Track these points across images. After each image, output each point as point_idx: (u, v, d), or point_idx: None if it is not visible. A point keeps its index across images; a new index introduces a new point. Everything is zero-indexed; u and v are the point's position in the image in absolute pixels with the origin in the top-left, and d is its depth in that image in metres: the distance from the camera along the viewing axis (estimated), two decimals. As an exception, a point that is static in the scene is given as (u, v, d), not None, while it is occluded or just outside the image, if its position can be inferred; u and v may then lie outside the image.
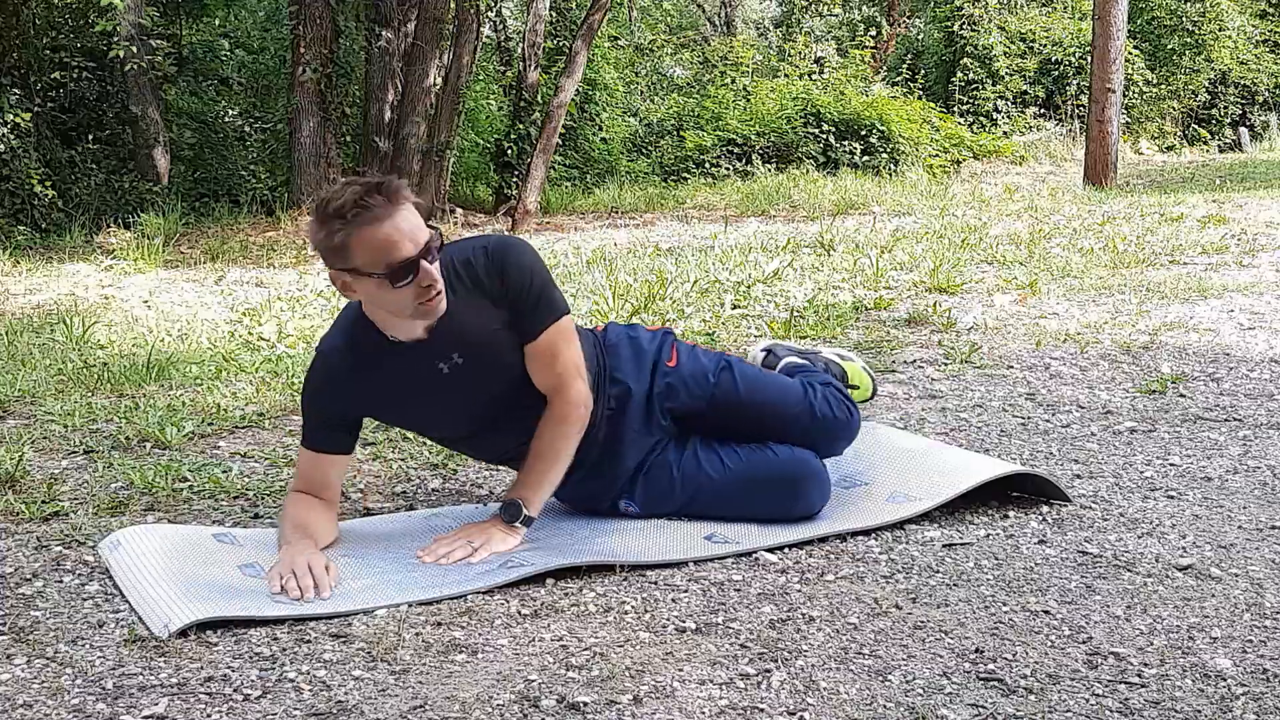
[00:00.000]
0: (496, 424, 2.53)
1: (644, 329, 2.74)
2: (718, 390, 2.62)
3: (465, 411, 2.51)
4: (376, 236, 2.24)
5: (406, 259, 2.26)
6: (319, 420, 2.48)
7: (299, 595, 2.17)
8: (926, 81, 18.98)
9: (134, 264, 8.12)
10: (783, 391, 2.67)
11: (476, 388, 2.46)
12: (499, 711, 1.76)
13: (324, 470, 2.49)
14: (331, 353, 2.45)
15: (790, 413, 2.64)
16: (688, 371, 2.64)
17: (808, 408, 2.63)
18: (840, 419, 2.66)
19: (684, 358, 2.67)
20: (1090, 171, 12.97)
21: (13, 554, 2.47)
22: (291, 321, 5.51)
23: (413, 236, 2.27)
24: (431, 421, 2.60)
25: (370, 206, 2.23)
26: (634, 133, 16.74)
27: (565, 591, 2.25)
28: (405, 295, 2.29)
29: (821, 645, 1.99)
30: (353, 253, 2.26)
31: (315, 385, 2.48)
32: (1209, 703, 1.79)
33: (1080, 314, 5.14)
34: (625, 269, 6.83)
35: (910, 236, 7.95)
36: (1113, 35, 12.53)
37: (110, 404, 3.82)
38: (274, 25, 13.99)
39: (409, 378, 2.43)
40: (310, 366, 2.50)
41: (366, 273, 2.27)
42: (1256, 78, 20.56)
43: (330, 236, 2.26)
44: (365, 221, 2.23)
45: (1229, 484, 2.88)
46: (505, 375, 2.47)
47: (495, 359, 2.45)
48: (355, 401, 2.48)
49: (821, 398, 2.66)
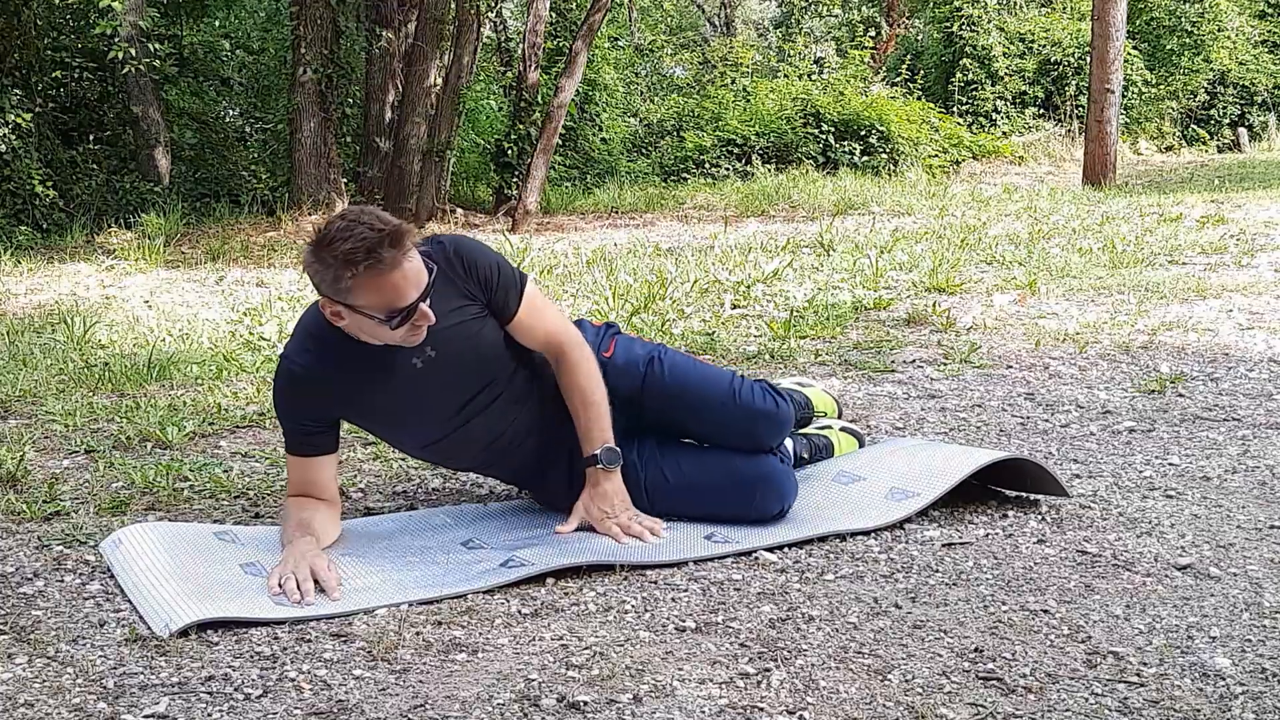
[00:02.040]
0: (468, 422, 2.54)
1: (589, 323, 2.78)
2: (647, 378, 2.65)
3: (439, 408, 2.51)
4: (384, 286, 2.26)
5: (409, 305, 2.28)
6: (296, 426, 2.48)
7: (298, 599, 2.16)
8: (926, 82, 18.98)
9: (135, 264, 8.13)
10: (706, 378, 2.69)
11: (449, 380, 2.48)
12: (499, 710, 1.77)
13: (314, 473, 2.50)
14: (298, 356, 2.44)
15: (714, 398, 2.64)
16: (621, 361, 2.68)
17: (730, 393, 2.64)
18: (762, 408, 2.65)
19: (619, 349, 2.71)
20: (1089, 172, 12.98)
21: (14, 553, 2.47)
22: (292, 321, 5.52)
23: (417, 282, 2.29)
24: (407, 420, 2.57)
25: (382, 260, 2.23)
26: (634, 133, 16.74)
27: (565, 591, 2.25)
28: (397, 333, 2.33)
29: (821, 644, 2.00)
30: (355, 295, 2.27)
31: (286, 393, 2.46)
32: (1208, 702, 1.79)
33: (1079, 314, 5.15)
34: (625, 269, 6.84)
35: (910, 236, 7.95)
36: (1112, 36, 12.53)
37: (111, 404, 3.83)
38: (274, 25, 13.99)
39: (382, 374, 2.44)
40: (277, 375, 2.48)
41: (366, 313, 2.29)
42: (1255, 78, 20.56)
43: (336, 280, 2.26)
44: (375, 273, 2.24)
45: (1228, 483, 2.89)
46: (475, 366, 2.50)
47: (465, 349, 2.47)
48: (329, 403, 2.47)
49: (747, 387, 2.68)
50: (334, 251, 2.24)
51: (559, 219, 11.80)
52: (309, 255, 2.30)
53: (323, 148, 10.71)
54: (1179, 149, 19.90)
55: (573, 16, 14.54)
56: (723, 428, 2.64)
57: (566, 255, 7.77)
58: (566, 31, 14.21)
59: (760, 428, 2.65)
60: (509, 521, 2.68)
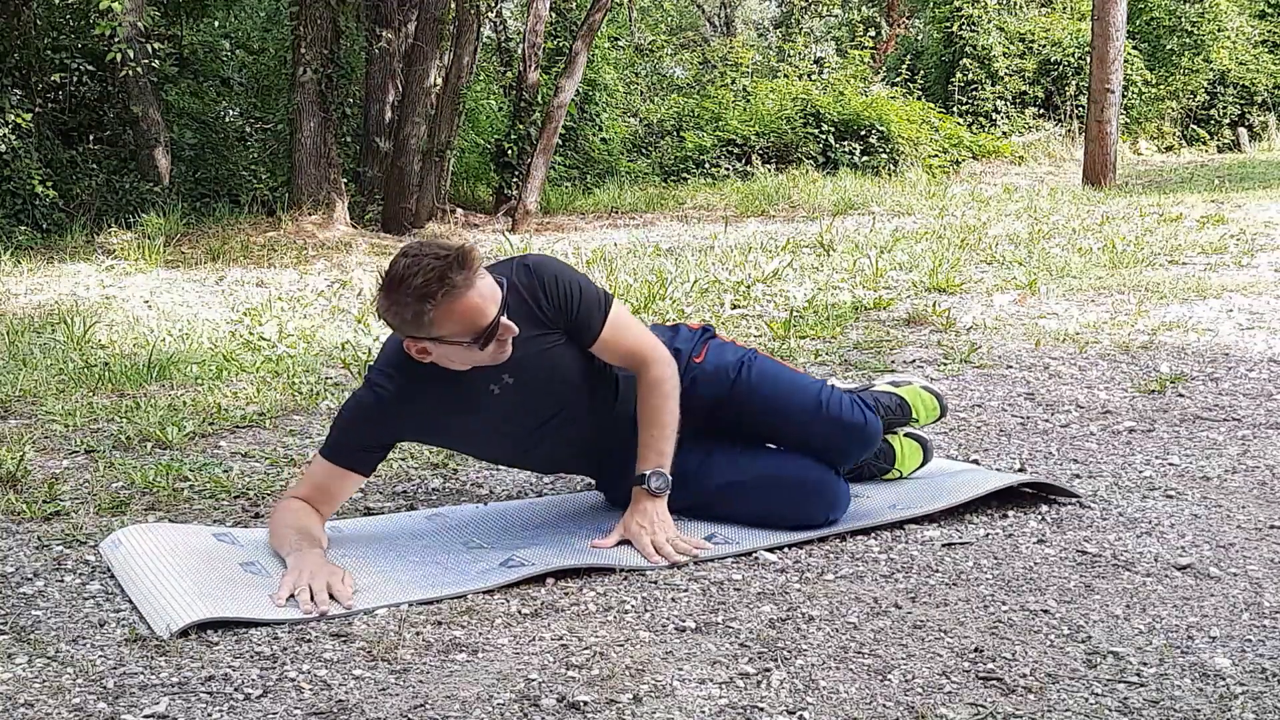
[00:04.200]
0: (542, 441, 2.57)
1: (685, 328, 2.77)
2: (736, 384, 2.63)
3: (515, 431, 2.53)
4: (464, 310, 2.26)
5: (492, 322, 2.29)
6: (355, 441, 2.46)
7: (312, 610, 2.14)
8: (926, 82, 18.97)
9: (135, 264, 8.12)
10: (796, 387, 2.65)
11: (525, 406, 2.49)
12: (499, 710, 1.77)
13: (338, 484, 2.48)
14: (384, 380, 2.43)
15: (802, 408, 2.60)
16: (711, 367, 2.66)
17: (818, 404, 2.60)
18: (849, 421, 2.60)
19: (711, 354, 2.69)
20: (1089, 172, 12.97)
21: (14, 553, 2.47)
22: (292, 321, 5.52)
23: (494, 298, 2.30)
24: (481, 443, 2.61)
25: (455, 285, 2.24)
26: (634, 133, 16.73)
27: (565, 591, 2.25)
28: (486, 353, 2.33)
29: (821, 644, 2.00)
30: (438, 326, 2.27)
31: (364, 410, 2.45)
32: (1208, 702, 1.79)
33: (1079, 314, 5.15)
34: (625, 269, 6.84)
35: (910, 236, 7.95)
36: (1111, 36, 12.53)
37: (111, 404, 3.83)
38: (274, 26, 13.99)
39: (461, 401, 2.44)
40: (359, 391, 2.48)
41: (452, 342, 2.30)
42: (1255, 78, 20.55)
43: (418, 317, 2.26)
44: (452, 299, 2.24)
45: (1228, 483, 2.89)
46: (552, 391, 2.50)
47: (542, 375, 2.48)
48: (403, 427, 2.48)
49: (836, 398, 2.63)
50: (407, 288, 2.24)
51: (559, 219, 11.80)
52: (383, 301, 2.30)
53: (323, 148, 10.70)
54: (1179, 149, 19.89)
55: (573, 16, 14.53)
56: (808, 439, 2.60)
57: (567, 255, 7.77)
58: (566, 31, 14.20)
59: (847, 441, 2.61)
60: (509, 521, 2.68)
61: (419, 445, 3.28)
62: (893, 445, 2.91)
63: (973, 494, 2.70)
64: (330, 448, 2.48)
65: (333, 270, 7.92)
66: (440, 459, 3.21)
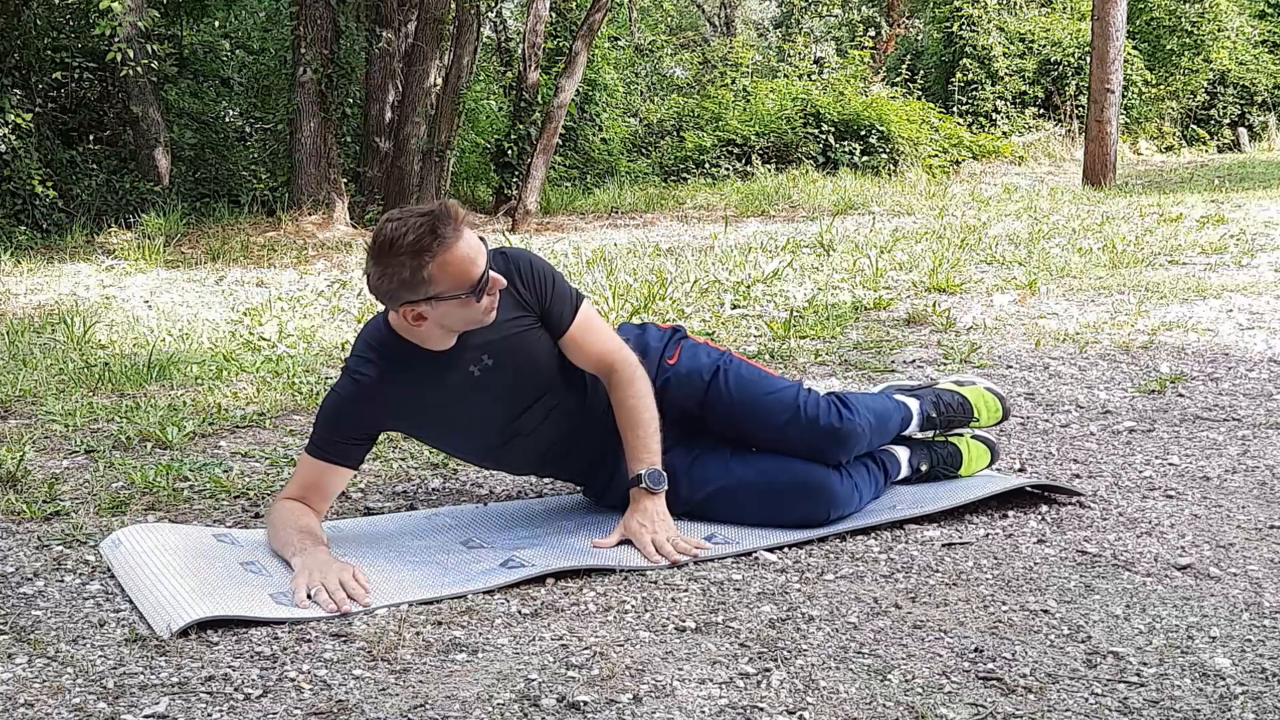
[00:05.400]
0: (522, 431, 2.56)
1: (655, 327, 2.76)
2: (711, 388, 2.62)
3: (494, 416, 2.53)
4: (458, 261, 2.29)
5: (483, 273, 2.32)
6: (338, 433, 2.47)
7: (334, 608, 2.14)
8: (926, 82, 18.97)
9: (135, 264, 8.13)
10: (771, 391, 2.64)
11: (505, 388, 2.49)
12: (499, 710, 1.77)
13: (327, 480, 2.48)
14: (362, 366, 2.44)
15: (779, 412, 2.60)
16: (685, 370, 2.65)
17: (796, 408, 2.60)
18: (825, 424, 2.58)
19: (684, 355, 2.68)
20: (1089, 172, 12.98)
21: (14, 553, 2.47)
22: (292, 321, 5.52)
23: (480, 249, 2.35)
24: (462, 428, 2.59)
25: (446, 236, 2.27)
26: (634, 133, 16.72)
27: (565, 591, 2.25)
28: (480, 306, 2.35)
29: (821, 644, 2.00)
30: (435, 282, 2.29)
31: (344, 401, 2.46)
32: (1208, 702, 1.79)
33: (1079, 314, 5.15)
34: (625, 269, 6.84)
35: (910, 236, 7.95)
36: (1111, 36, 12.53)
37: (111, 404, 3.83)
38: (274, 26, 13.98)
39: (442, 383, 2.45)
40: (337, 384, 2.48)
41: (450, 296, 2.31)
42: (1255, 78, 20.56)
43: (415, 273, 2.28)
44: (445, 250, 2.28)
45: (1228, 484, 2.89)
46: (531, 376, 2.52)
47: (522, 358, 2.49)
48: (385, 415, 2.48)
49: (813, 401, 2.62)
50: (400, 248, 2.27)
51: (559, 219, 11.80)
52: (375, 270, 2.31)
53: (323, 148, 10.70)
54: (1179, 149, 19.89)
55: (573, 16, 14.53)
56: (787, 442, 2.60)
57: (566, 255, 7.77)
58: (566, 31, 14.20)
59: (824, 443, 2.59)
60: (509, 521, 2.68)
61: (419, 445, 3.28)
62: (960, 448, 2.88)
63: (974, 496, 2.71)
64: (315, 444, 2.48)
65: (333, 270, 7.92)
66: (440, 459, 3.21)
